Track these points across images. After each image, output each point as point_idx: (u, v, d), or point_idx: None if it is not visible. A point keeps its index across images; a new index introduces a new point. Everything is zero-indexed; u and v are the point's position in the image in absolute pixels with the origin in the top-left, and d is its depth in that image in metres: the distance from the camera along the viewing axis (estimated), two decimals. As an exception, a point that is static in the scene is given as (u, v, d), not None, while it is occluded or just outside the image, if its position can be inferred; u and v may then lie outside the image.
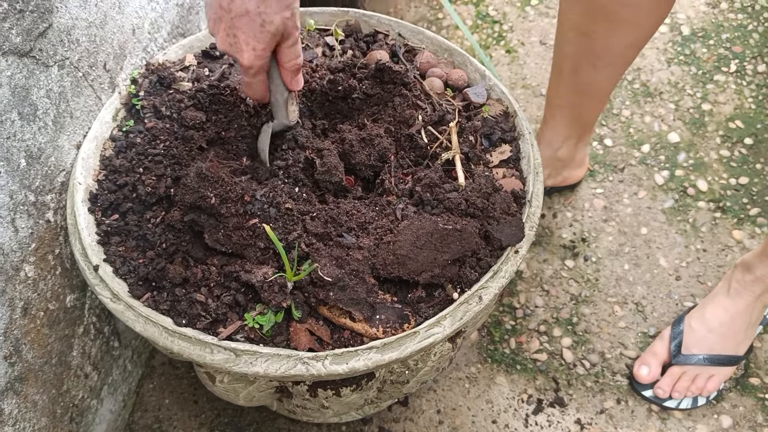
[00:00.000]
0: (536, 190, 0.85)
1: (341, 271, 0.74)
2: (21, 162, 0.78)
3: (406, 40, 1.03)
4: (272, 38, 0.74)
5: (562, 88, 1.18)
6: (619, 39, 1.03)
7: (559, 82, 1.18)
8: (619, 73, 1.11)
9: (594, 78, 1.11)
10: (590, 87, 1.14)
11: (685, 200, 1.43)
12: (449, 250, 0.76)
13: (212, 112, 0.87)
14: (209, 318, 0.74)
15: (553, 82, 1.20)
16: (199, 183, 0.73)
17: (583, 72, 1.11)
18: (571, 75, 1.13)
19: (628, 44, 1.04)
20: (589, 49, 1.06)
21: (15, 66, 0.74)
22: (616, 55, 1.06)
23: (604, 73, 1.10)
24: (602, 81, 1.12)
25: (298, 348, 0.73)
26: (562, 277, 1.33)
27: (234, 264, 0.76)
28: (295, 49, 0.78)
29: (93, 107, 0.90)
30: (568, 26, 1.07)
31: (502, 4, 1.79)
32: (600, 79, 1.12)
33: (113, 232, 0.81)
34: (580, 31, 1.05)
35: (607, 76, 1.11)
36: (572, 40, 1.08)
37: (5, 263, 0.77)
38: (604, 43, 1.04)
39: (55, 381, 0.91)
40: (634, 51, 1.07)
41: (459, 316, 0.75)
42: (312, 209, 0.80)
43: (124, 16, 0.95)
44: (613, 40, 1.03)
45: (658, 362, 1.18)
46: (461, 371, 1.22)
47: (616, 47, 1.04)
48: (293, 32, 0.75)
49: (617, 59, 1.07)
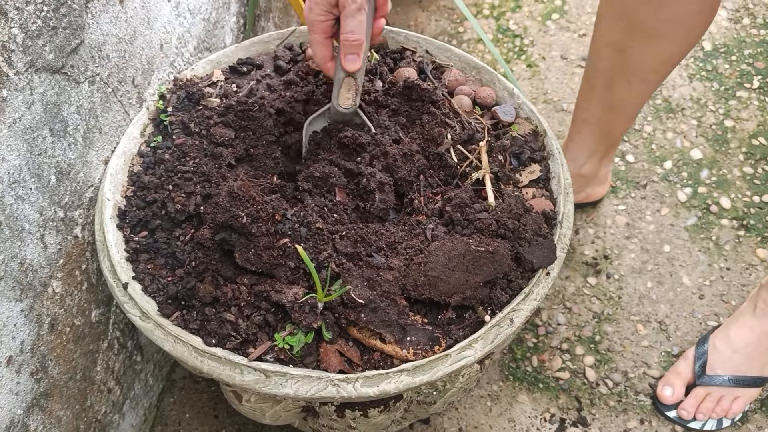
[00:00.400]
0: (567, 211, 0.85)
1: (373, 293, 0.73)
2: (51, 178, 0.78)
3: (434, 57, 1.03)
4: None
5: (593, 104, 1.17)
6: (656, 55, 1.02)
7: (590, 97, 1.17)
8: (652, 89, 1.10)
9: (627, 94, 1.11)
10: (622, 103, 1.14)
11: (708, 218, 1.41)
12: (481, 272, 0.75)
13: (241, 129, 0.87)
14: (239, 338, 0.73)
15: (582, 97, 1.20)
16: (230, 202, 0.73)
17: (616, 88, 1.10)
18: (604, 91, 1.13)
19: (664, 60, 1.03)
20: (625, 65, 1.06)
21: (47, 83, 0.74)
22: (651, 71, 1.05)
23: (637, 89, 1.09)
24: (635, 97, 1.12)
25: (328, 369, 0.72)
26: (584, 295, 1.32)
27: (264, 283, 0.76)
28: (352, 21, 0.77)
29: (121, 123, 0.90)
30: (604, 42, 1.06)
31: (523, 19, 1.79)
32: (633, 96, 1.11)
33: (142, 249, 0.80)
34: (616, 47, 1.04)
35: (640, 92, 1.10)
36: (608, 56, 1.07)
37: (34, 279, 0.77)
38: (641, 59, 1.03)
39: (79, 396, 0.91)
40: (669, 67, 1.06)
41: (490, 338, 0.74)
42: (341, 228, 0.80)
43: (153, 32, 0.95)
44: (650, 56, 1.02)
45: (682, 383, 1.17)
46: (483, 389, 1.20)
47: (651, 63, 1.04)
48: (350, 3, 0.76)
49: (652, 75, 1.07)
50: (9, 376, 0.75)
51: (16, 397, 0.77)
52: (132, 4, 0.88)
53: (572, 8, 1.80)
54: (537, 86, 1.65)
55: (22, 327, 0.76)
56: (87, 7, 0.79)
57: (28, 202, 0.74)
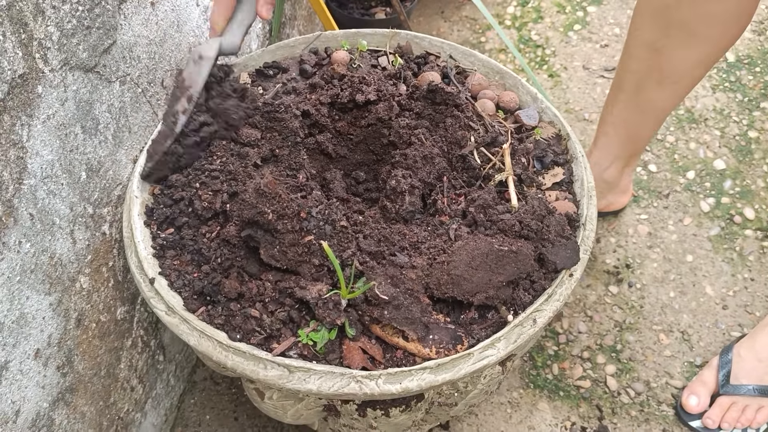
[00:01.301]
0: (590, 213, 0.85)
1: (396, 290, 0.73)
2: (82, 175, 0.79)
3: (457, 62, 1.04)
4: None
5: (621, 106, 1.17)
6: (691, 55, 1.02)
7: (618, 99, 1.17)
8: (683, 93, 1.10)
9: (657, 96, 1.11)
10: (651, 105, 1.13)
11: (731, 228, 1.40)
12: (504, 272, 0.75)
13: (267, 130, 0.88)
14: (263, 333, 0.74)
15: (611, 99, 1.20)
16: (257, 199, 0.74)
17: (646, 89, 1.10)
18: (634, 92, 1.13)
19: (698, 61, 1.03)
20: (657, 66, 1.06)
21: (80, 81, 0.76)
22: (685, 72, 1.05)
23: (668, 91, 1.09)
24: (665, 100, 1.12)
25: (351, 366, 0.73)
26: (605, 303, 1.31)
27: (288, 280, 0.76)
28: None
29: (150, 122, 0.92)
30: (638, 42, 1.06)
31: (545, 29, 1.79)
32: (663, 98, 1.11)
33: (168, 246, 0.82)
34: (652, 46, 1.04)
35: (670, 94, 1.10)
36: (641, 56, 1.07)
37: (63, 274, 0.78)
38: (674, 59, 1.03)
39: (102, 393, 0.92)
40: (701, 70, 1.06)
41: (513, 338, 0.74)
42: (364, 228, 0.80)
43: (182, 35, 0.97)
44: (684, 56, 1.02)
45: (707, 391, 1.15)
46: (503, 396, 1.20)
47: (685, 64, 1.04)
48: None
49: (684, 77, 1.06)
50: (36, 369, 0.76)
51: (42, 390, 0.78)
52: (163, 7, 0.90)
53: (594, 19, 1.80)
54: (559, 96, 1.65)
55: (50, 321, 0.77)
56: (120, 9, 0.81)
57: (59, 197, 0.75)
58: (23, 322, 0.72)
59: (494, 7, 1.86)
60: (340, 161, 0.95)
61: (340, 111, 0.94)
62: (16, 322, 0.71)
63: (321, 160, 0.94)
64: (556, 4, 1.85)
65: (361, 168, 0.95)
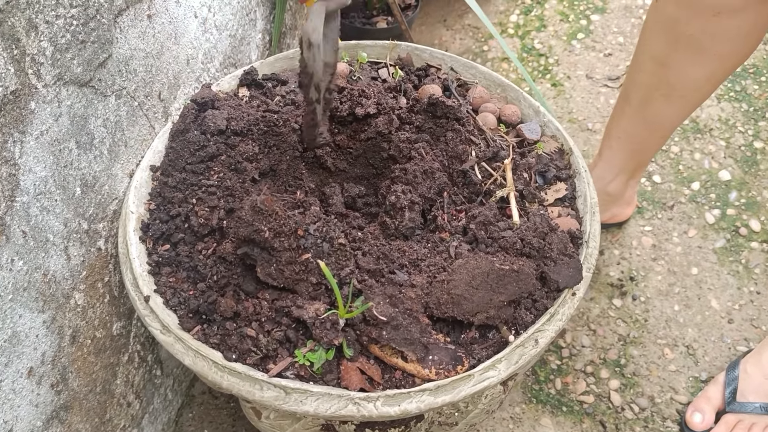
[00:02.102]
0: (593, 230, 0.83)
1: (395, 310, 0.72)
2: (76, 190, 0.78)
3: (459, 75, 1.02)
4: None
5: (627, 119, 1.16)
6: (699, 71, 1.00)
7: (624, 112, 1.15)
8: (690, 108, 1.08)
9: (664, 110, 1.09)
10: (658, 119, 1.12)
11: (737, 240, 1.39)
12: (505, 291, 0.74)
13: (265, 144, 0.87)
14: (259, 353, 0.73)
15: (617, 112, 1.18)
16: (253, 216, 0.72)
17: (653, 103, 1.09)
18: (641, 105, 1.11)
19: (707, 77, 1.02)
20: (665, 80, 1.04)
21: (75, 95, 0.75)
22: (692, 87, 1.04)
23: (675, 106, 1.07)
24: (672, 114, 1.10)
25: (348, 387, 0.71)
26: (609, 317, 1.30)
27: (285, 299, 0.75)
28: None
29: (146, 136, 0.91)
30: (647, 55, 1.05)
31: (548, 38, 1.78)
32: (670, 113, 1.09)
33: (164, 263, 0.80)
34: (659, 60, 1.02)
35: (677, 109, 1.08)
36: (649, 69, 1.06)
37: (56, 291, 0.77)
38: (682, 74, 1.01)
39: (98, 409, 0.90)
40: (710, 86, 1.04)
41: (515, 359, 0.73)
42: (363, 245, 0.79)
43: (180, 47, 0.96)
44: (692, 72, 1.00)
45: (712, 409, 1.14)
46: (505, 411, 1.18)
47: (693, 79, 1.02)
48: None
49: (692, 92, 1.05)
50: (29, 388, 0.75)
51: (36, 408, 0.76)
52: (160, 19, 0.89)
53: (598, 28, 1.79)
54: (562, 105, 1.63)
55: (44, 338, 0.76)
56: (116, 22, 0.80)
57: (53, 214, 0.74)
58: (16, 341, 0.71)
59: (497, 15, 1.85)
60: (339, 175, 0.93)
61: (339, 124, 0.93)
62: (9, 341, 0.70)
63: (320, 174, 0.92)
64: (559, 12, 1.84)
65: (360, 182, 0.94)
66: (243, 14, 1.16)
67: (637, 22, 1.78)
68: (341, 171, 0.93)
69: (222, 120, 0.86)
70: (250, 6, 1.18)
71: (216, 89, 0.97)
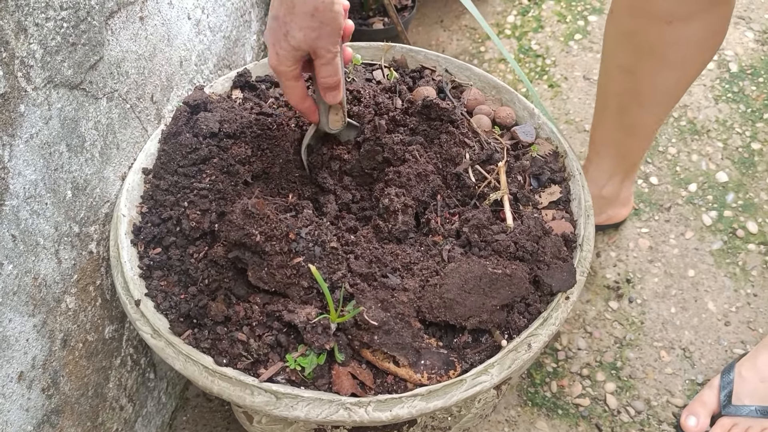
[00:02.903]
0: (587, 234, 0.83)
1: (387, 314, 0.72)
2: (67, 193, 0.77)
3: (453, 77, 1.02)
4: (294, 51, 0.73)
5: (607, 126, 1.16)
6: (666, 77, 1.00)
7: (604, 119, 1.15)
8: (666, 111, 1.08)
9: (640, 117, 1.09)
10: (636, 125, 1.12)
11: (734, 242, 1.38)
12: (498, 295, 0.73)
13: (258, 148, 0.87)
14: (250, 358, 0.72)
15: (597, 120, 1.18)
16: (244, 220, 0.72)
17: (629, 111, 1.09)
18: (617, 113, 1.11)
19: (674, 82, 1.02)
20: (635, 88, 1.04)
21: (65, 98, 0.74)
22: (663, 93, 1.04)
23: (651, 111, 1.07)
24: (649, 119, 1.10)
25: (340, 392, 0.71)
26: (605, 319, 1.29)
27: (277, 303, 0.75)
28: (328, 68, 0.76)
29: (139, 139, 0.90)
30: (613, 64, 1.05)
31: (545, 39, 1.78)
32: (647, 118, 1.09)
33: (155, 266, 0.80)
34: (625, 69, 1.02)
35: (654, 114, 1.08)
36: (617, 78, 1.06)
37: (47, 295, 0.77)
38: (651, 82, 1.02)
39: (90, 413, 0.90)
40: (681, 89, 1.04)
41: (507, 364, 0.72)
42: (356, 248, 0.79)
43: (173, 49, 0.95)
44: (660, 79, 1.01)
45: (707, 412, 1.13)
46: (500, 414, 1.18)
47: (662, 85, 1.02)
48: (324, 54, 0.74)
49: (664, 97, 1.05)
50: (20, 392, 0.74)
51: (26, 413, 0.76)
52: (152, 21, 0.89)
53: (595, 29, 1.78)
54: (559, 107, 1.63)
55: (35, 342, 0.76)
56: (107, 24, 0.79)
57: (44, 217, 0.74)
58: (5, 345, 0.71)
59: (494, 16, 1.85)
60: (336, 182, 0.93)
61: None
62: (-2, 346, 0.70)
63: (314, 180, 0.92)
64: (556, 13, 1.84)
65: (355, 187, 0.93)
66: (237, 16, 1.15)
67: (635, 23, 1.77)
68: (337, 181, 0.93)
69: (214, 122, 0.85)
70: (244, 7, 1.18)
71: (209, 91, 0.97)
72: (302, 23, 0.71)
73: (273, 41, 0.74)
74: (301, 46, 0.73)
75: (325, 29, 0.72)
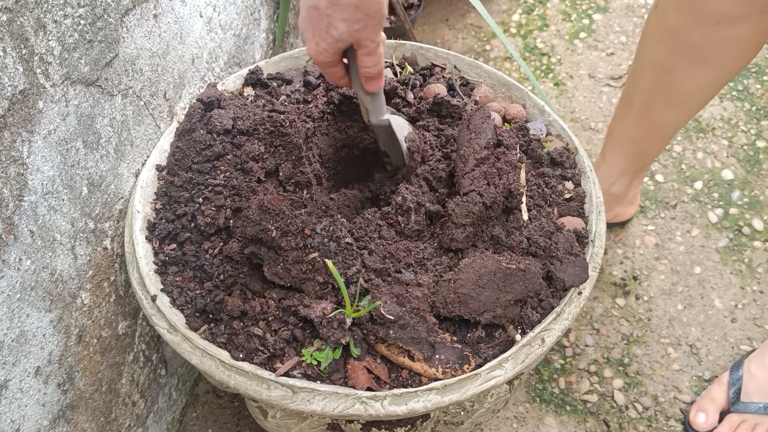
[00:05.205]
0: (599, 230, 0.83)
1: (402, 309, 0.72)
2: (83, 190, 0.78)
3: (463, 74, 1.02)
4: (335, 42, 0.71)
5: (629, 123, 1.16)
6: (702, 77, 1.00)
7: (627, 116, 1.15)
8: (693, 112, 1.08)
9: (666, 115, 1.09)
10: (660, 124, 1.12)
11: (740, 239, 1.39)
12: (512, 291, 0.74)
13: (271, 144, 0.87)
14: (267, 353, 0.73)
15: (619, 116, 1.18)
16: (260, 215, 0.72)
17: (655, 108, 1.09)
18: (642, 110, 1.11)
19: (709, 83, 1.01)
20: (667, 86, 1.03)
21: (82, 95, 0.75)
22: (694, 93, 1.03)
23: (678, 111, 1.07)
24: (674, 119, 1.10)
25: (355, 386, 0.71)
26: (612, 316, 1.30)
27: (292, 298, 0.75)
28: (372, 58, 0.75)
29: (152, 135, 0.91)
30: (648, 62, 1.04)
31: (550, 37, 1.78)
32: (672, 118, 1.09)
33: (171, 262, 0.80)
34: (661, 67, 1.02)
35: (680, 114, 1.08)
36: (651, 76, 1.05)
37: (63, 290, 0.77)
38: (685, 81, 1.01)
39: (104, 409, 0.91)
40: (713, 91, 1.04)
41: (521, 358, 0.73)
42: (370, 244, 0.79)
43: (185, 46, 0.96)
44: (696, 79, 1.00)
45: (715, 409, 1.14)
46: (509, 410, 1.18)
47: (696, 85, 1.01)
48: (367, 43, 0.72)
49: (694, 98, 1.04)
50: (36, 387, 0.75)
51: (43, 408, 0.77)
52: (165, 19, 0.89)
53: (600, 27, 1.79)
54: (564, 105, 1.63)
55: (51, 338, 0.76)
56: (122, 22, 0.80)
57: (60, 213, 0.74)
58: (23, 340, 0.71)
59: (499, 14, 1.85)
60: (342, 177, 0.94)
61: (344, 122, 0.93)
62: (16, 340, 0.70)
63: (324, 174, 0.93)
64: (561, 11, 1.84)
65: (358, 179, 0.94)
66: (247, 14, 1.16)
67: (639, 22, 1.78)
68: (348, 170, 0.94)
69: (228, 119, 0.86)
70: (254, 5, 1.18)
71: (221, 89, 0.97)
72: (346, 15, 0.68)
73: (313, 32, 0.72)
74: (344, 38, 0.71)
75: (370, 21, 0.70)
